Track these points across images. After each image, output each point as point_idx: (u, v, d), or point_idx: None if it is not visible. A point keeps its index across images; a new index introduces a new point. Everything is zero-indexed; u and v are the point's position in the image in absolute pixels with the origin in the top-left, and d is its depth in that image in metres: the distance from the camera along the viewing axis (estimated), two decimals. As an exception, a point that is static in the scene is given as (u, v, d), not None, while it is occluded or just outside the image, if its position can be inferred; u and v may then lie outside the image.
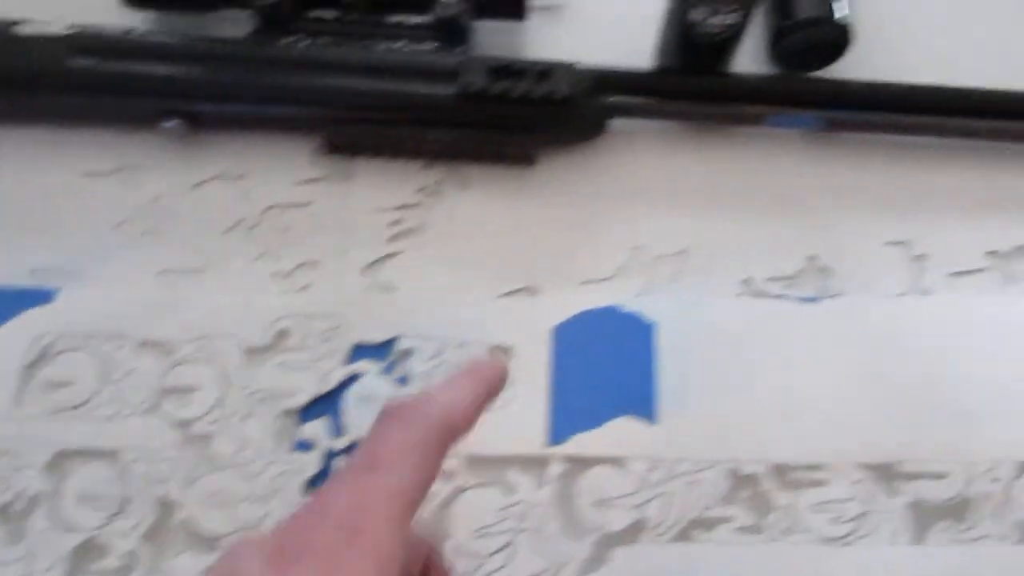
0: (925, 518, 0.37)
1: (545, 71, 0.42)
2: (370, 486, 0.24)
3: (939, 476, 0.38)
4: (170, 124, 0.44)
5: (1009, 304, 0.42)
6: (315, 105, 0.43)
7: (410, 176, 0.45)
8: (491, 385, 0.29)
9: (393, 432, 0.25)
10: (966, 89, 0.45)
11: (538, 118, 0.43)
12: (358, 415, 0.39)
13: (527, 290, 0.42)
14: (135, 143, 0.46)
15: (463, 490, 0.38)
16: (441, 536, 0.37)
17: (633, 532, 0.37)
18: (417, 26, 0.45)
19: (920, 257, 0.44)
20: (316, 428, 0.39)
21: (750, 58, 0.48)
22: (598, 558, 0.36)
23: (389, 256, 0.43)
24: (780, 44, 0.46)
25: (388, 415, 0.26)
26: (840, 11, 0.45)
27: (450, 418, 0.26)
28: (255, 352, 0.40)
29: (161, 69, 0.43)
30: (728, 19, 0.42)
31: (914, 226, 0.45)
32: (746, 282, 0.43)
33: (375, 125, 0.44)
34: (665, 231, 0.44)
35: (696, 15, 0.42)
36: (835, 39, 0.46)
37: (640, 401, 0.39)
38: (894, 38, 0.49)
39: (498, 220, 0.44)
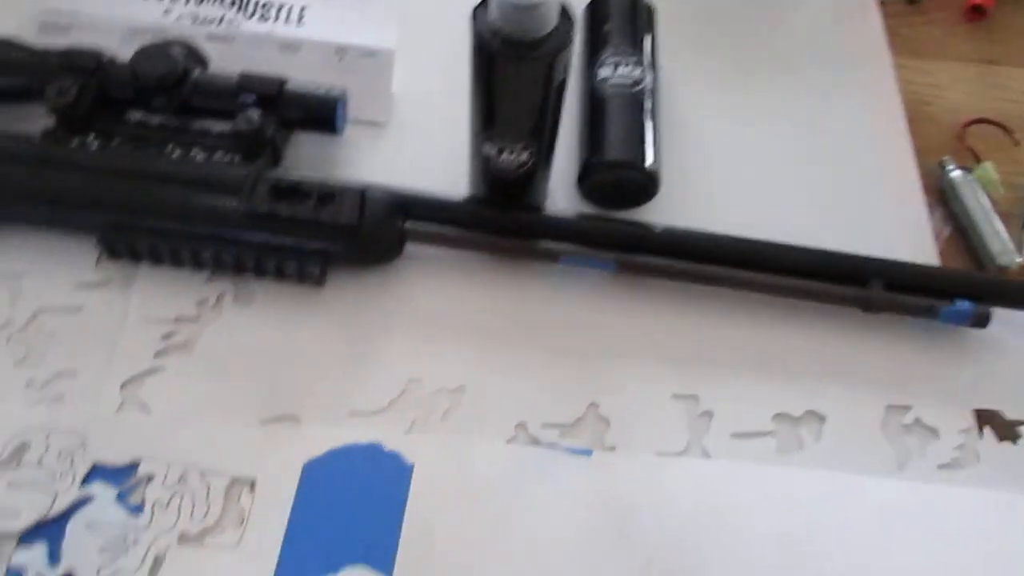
0: None
1: (328, 194, 0.42)
2: None
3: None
4: (-53, 216, 0.42)
5: (787, 477, 0.41)
6: (95, 208, 0.42)
7: (193, 286, 0.44)
8: None
9: None
10: (761, 241, 0.45)
11: (326, 242, 0.43)
12: (79, 543, 0.37)
13: (290, 418, 0.41)
14: (-86, 232, 0.44)
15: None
16: None
17: None
18: (221, 135, 0.45)
19: (706, 413, 0.43)
20: (31, 555, 0.37)
21: (562, 193, 0.48)
22: None
23: (152, 371, 0.42)
24: (587, 181, 0.46)
25: None
26: (649, 158, 0.46)
27: None
28: (-12, 465, 0.38)
29: (-59, 161, 0.42)
30: (521, 157, 0.42)
31: (703, 380, 0.44)
32: (520, 426, 0.42)
33: (157, 234, 0.42)
34: (446, 365, 0.43)
35: (488, 150, 0.42)
36: (641, 183, 0.46)
37: (380, 551, 0.37)
38: (700, 189, 0.49)
39: (276, 340, 0.43)
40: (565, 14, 0.36)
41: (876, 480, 0.42)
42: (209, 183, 0.42)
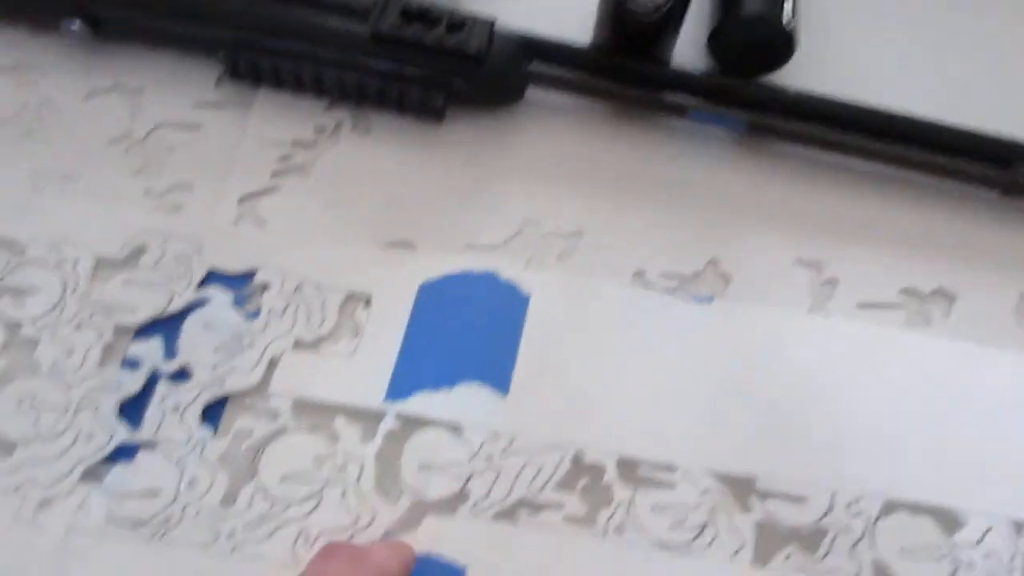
0: (773, 541, 0.34)
1: (459, 23, 0.41)
2: None
3: (797, 500, 0.35)
4: (73, 26, 0.42)
5: (914, 345, 0.39)
6: (222, 25, 0.42)
7: (311, 113, 0.43)
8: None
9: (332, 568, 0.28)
10: (900, 114, 0.43)
11: (452, 71, 0.41)
12: (195, 341, 0.36)
13: (405, 244, 0.40)
14: (38, 43, 0.44)
15: (282, 432, 0.35)
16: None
17: (453, 503, 0.34)
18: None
19: (830, 281, 0.41)
20: (147, 347, 0.36)
21: (692, 52, 0.46)
22: (408, 523, 0.33)
23: (269, 190, 0.41)
24: (719, 40, 0.45)
25: (329, 554, 0.29)
26: (786, 17, 0.44)
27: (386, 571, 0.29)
28: (106, 264, 0.38)
29: (71, -33, 0.41)
30: (658, 1, 0.40)
31: (828, 248, 0.42)
32: (638, 274, 0.40)
33: (280, 55, 0.42)
34: (564, 210, 0.41)
35: (625, -7, 0.40)
36: (776, 42, 0.44)
37: (496, 370, 0.36)
38: (837, 54, 0.47)
39: (392, 171, 0.42)
40: None
41: (1008, 353, 0.39)
42: (337, 4, 0.41)
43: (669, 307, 0.39)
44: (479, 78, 0.42)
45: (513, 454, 0.35)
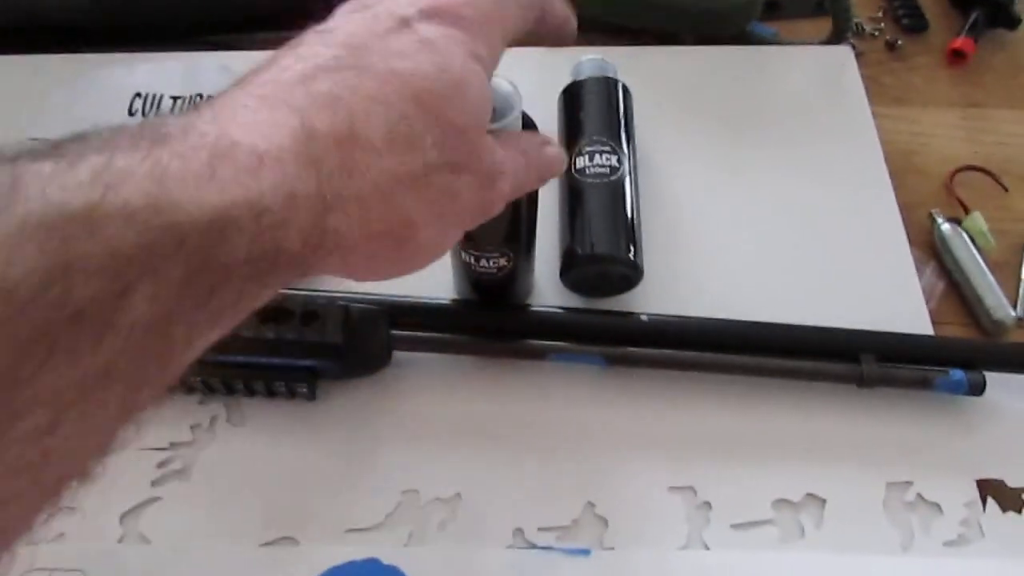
0: None
1: (312, 312, 0.42)
2: None
3: None
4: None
5: (789, 567, 0.41)
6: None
7: (186, 410, 0.44)
8: None
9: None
10: (753, 323, 0.45)
11: (314, 360, 0.43)
12: None
13: (288, 540, 0.41)
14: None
15: None
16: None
17: None
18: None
19: (704, 505, 0.43)
20: None
21: (547, 284, 0.48)
22: None
23: (150, 501, 0.42)
24: (570, 274, 0.47)
25: None
26: (631, 249, 0.46)
27: None
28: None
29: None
30: (500, 262, 0.42)
31: (699, 470, 0.44)
32: (518, 531, 0.42)
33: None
34: (440, 473, 0.43)
35: (467, 259, 0.42)
36: (624, 274, 0.46)
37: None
38: (684, 271, 0.49)
39: (272, 460, 0.43)
40: (527, 122, 0.35)
41: (881, 559, 0.41)
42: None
43: (549, 566, 0.40)
44: (342, 359, 0.43)
45: None
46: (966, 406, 0.45)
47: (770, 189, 0.53)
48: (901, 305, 0.49)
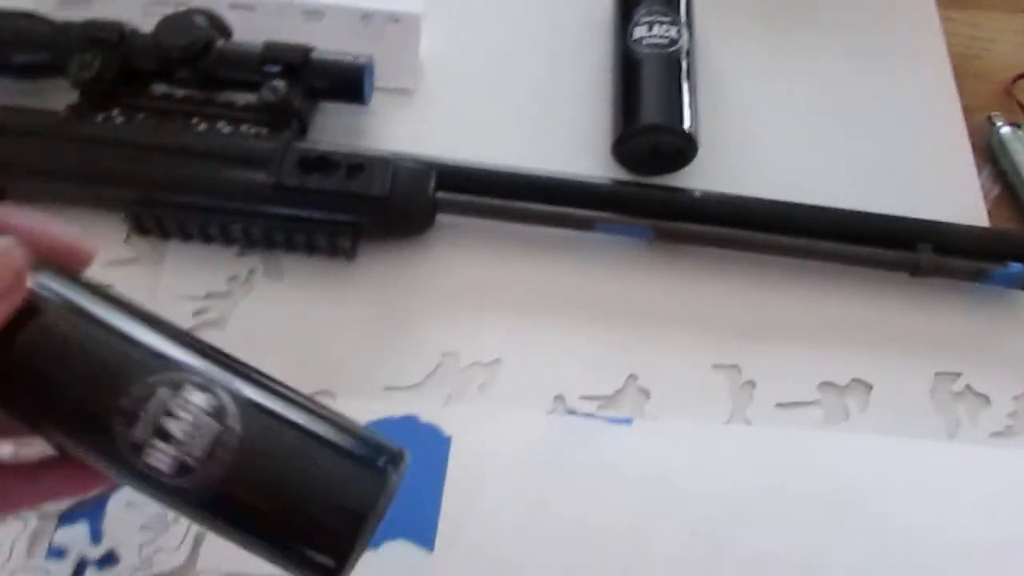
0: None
1: (358, 165, 0.41)
2: None
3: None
4: (-24, 195, 0.42)
5: (833, 444, 0.40)
6: (121, 185, 0.42)
7: (223, 262, 0.43)
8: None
9: None
10: (804, 205, 0.44)
11: (356, 214, 0.42)
12: (120, 522, 0.37)
13: (325, 394, 0.40)
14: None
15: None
16: None
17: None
18: (246, 107, 0.44)
19: (748, 384, 0.42)
20: (73, 533, 0.37)
21: (598, 158, 0.47)
22: None
23: (185, 349, 0.41)
24: (623, 147, 0.45)
25: None
26: (687, 121, 0.44)
27: None
28: (27, 445, 0.38)
29: (-33, 139, 0.41)
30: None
31: (744, 349, 0.43)
32: (559, 398, 0.41)
33: (184, 209, 0.42)
34: (481, 338, 0.42)
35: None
36: (679, 147, 0.45)
37: (421, 524, 0.37)
38: (739, 150, 0.48)
39: (308, 315, 0.42)
40: None
41: (926, 444, 0.40)
42: (236, 156, 0.42)
43: (590, 433, 0.40)
44: (385, 216, 0.42)
45: (439, 614, 0.35)
46: (1021, 301, 0.44)
47: (831, 77, 0.51)
48: (958, 199, 0.47)
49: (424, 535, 0.37)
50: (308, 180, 0.40)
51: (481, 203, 0.43)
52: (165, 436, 0.23)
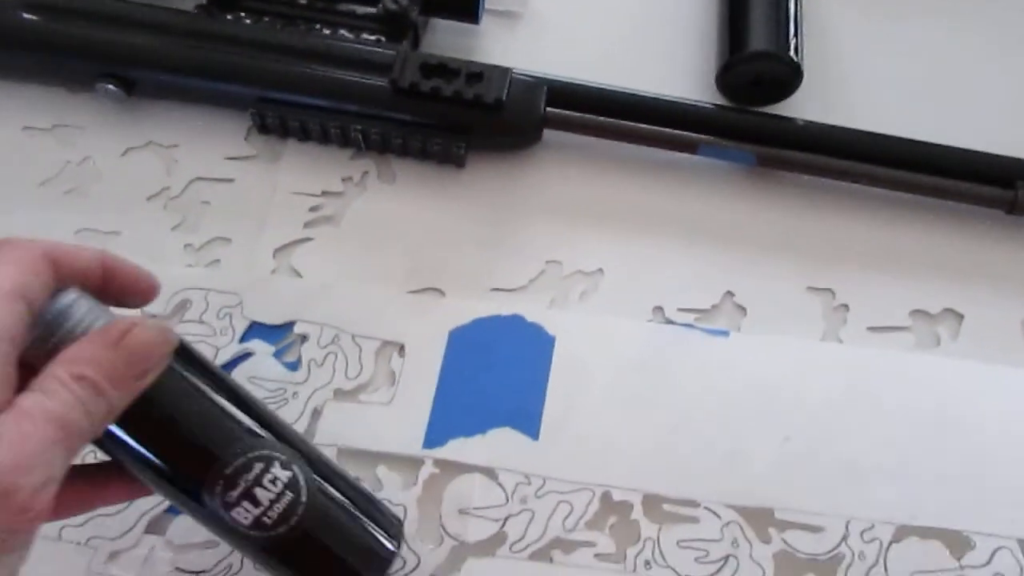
0: (791, 570, 0.36)
1: (477, 73, 0.42)
2: None
3: (813, 529, 0.37)
4: (107, 87, 0.44)
5: (924, 367, 0.41)
6: (249, 83, 0.43)
7: (338, 163, 0.45)
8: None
9: None
10: (905, 139, 0.44)
11: (470, 120, 0.43)
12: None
13: (434, 291, 0.42)
14: (76, 103, 0.46)
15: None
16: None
17: (491, 545, 0.36)
18: (365, 16, 0.45)
19: (841, 307, 0.43)
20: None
21: (699, 86, 0.48)
22: (451, 566, 0.35)
23: (302, 241, 0.43)
24: (728, 75, 0.46)
25: None
26: (793, 50, 0.45)
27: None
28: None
29: (104, 33, 0.43)
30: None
31: (839, 275, 0.44)
32: (657, 309, 0.42)
33: (306, 110, 0.43)
34: (584, 249, 0.43)
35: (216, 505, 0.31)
36: (784, 75, 0.45)
37: (526, 415, 0.39)
38: (842, 83, 0.48)
39: (417, 218, 0.44)
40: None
41: (1018, 370, 0.41)
42: (358, 60, 0.43)
43: (688, 342, 0.41)
44: (498, 124, 0.43)
45: (543, 495, 0.37)
46: (1116, 243, 0.45)
47: (940, 17, 0.52)
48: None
49: (529, 426, 0.38)
50: (428, 84, 0.42)
51: (588, 120, 0.45)
52: (254, 500, 0.29)
